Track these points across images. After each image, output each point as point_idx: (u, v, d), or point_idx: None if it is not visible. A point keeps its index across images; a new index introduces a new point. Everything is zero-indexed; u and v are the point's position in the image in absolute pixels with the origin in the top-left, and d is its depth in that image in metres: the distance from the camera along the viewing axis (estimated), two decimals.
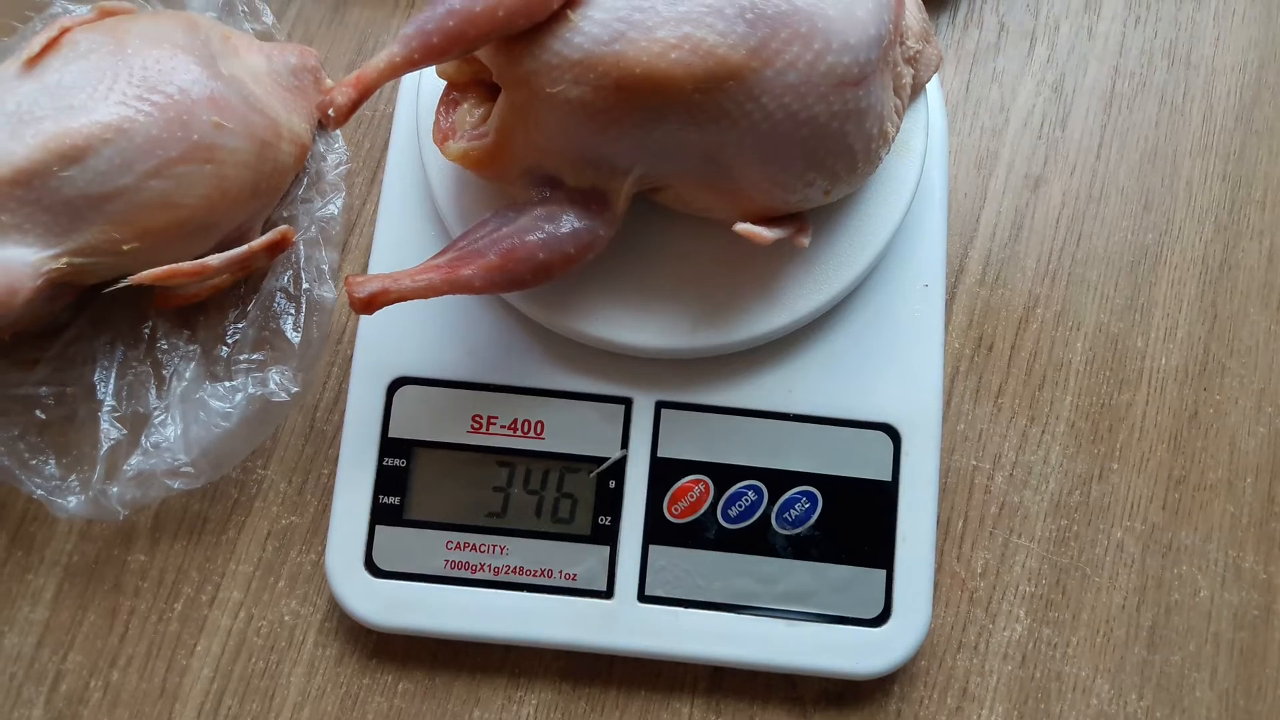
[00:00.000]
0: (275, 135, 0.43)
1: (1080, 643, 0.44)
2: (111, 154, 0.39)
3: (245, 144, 0.42)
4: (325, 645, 0.43)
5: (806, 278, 0.42)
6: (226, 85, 0.42)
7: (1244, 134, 0.50)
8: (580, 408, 0.43)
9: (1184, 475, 0.46)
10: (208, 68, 0.42)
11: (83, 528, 0.44)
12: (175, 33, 0.42)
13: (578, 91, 0.35)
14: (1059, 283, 0.48)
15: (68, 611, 0.43)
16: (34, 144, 0.39)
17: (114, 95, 0.40)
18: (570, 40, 0.34)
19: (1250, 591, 0.45)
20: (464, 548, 0.42)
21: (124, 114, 0.40)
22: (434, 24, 0.34)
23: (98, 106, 0.39)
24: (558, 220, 0.38)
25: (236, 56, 0.44)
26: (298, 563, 0.44)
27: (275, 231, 0.44)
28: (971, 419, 0.46)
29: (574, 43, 0.34)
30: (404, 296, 0.36)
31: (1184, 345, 0.47)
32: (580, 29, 0.34)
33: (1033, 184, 0.49)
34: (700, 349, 0.42)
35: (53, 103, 0.39)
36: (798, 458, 0.43)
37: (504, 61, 0.36)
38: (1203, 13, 0.52)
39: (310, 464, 0.45)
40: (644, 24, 0.34)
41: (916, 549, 0.42)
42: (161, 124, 0.40)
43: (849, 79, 0.36)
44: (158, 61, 0.41)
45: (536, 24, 0.35)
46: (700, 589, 0.42)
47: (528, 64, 0.35)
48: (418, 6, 0.51)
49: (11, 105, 0.39)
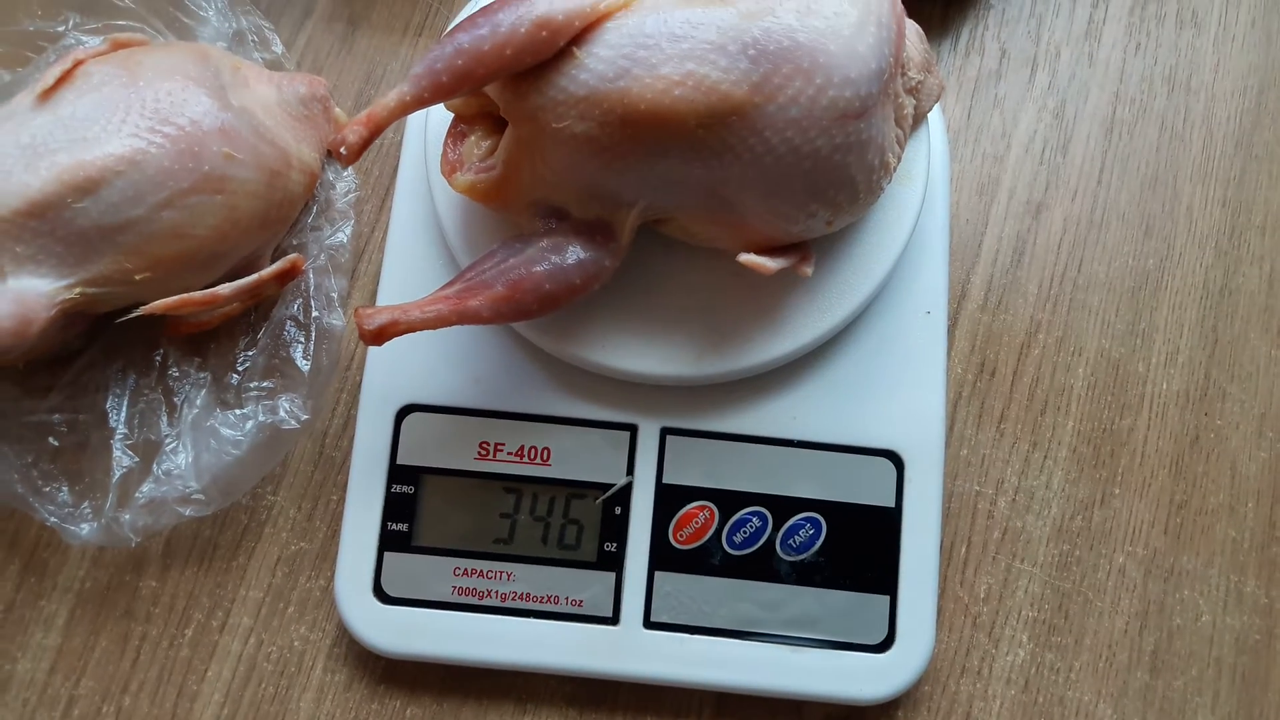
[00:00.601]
0: (285, 165, 0.44)
1: (1083, 667, 0.44)
2: (124, 185, 0.40)
3: (255, 174, 0.42)
4: (334, 671, 0.44)
5: (810, 305, 0.42)
6: (237, 116, 0.43)
7: (1244, 159, 0.51)
8: (586, 434, 0.43)
9: (1185, 500, 0.46)
10: (218, 99, 0.42)
11: (95, 554, 0.45)
12: (186, 64, 0.43)
13: (583, 127, 0.35)
14: (1060, 308, 0.48)
15: (80, 637, 0.44)
16: (48, 176, 0.39)
17: (126, 128, 0.40)
18: (576, 77, 0.35)
19: (1252, 616, 0.45)
20: (471, 574, 0.42)
21: (136, 146, 0.40)
22: (443, 63, 0.34)
23: (110, 139, 0.40)
24: (564, 251, 0.38)
25: (247, 87, 0.45)
26: (307, 588, 0.45)
27: (285, 260, 0.44)
28: (974, 444, 0.47)
29: (580, 79, 0.35)
30: (413, 328, 0.37)
31: (1185, 370, 0.48)
32: (586, 66, 0.35)
33: (1034, 210, 0.50)
34: (705, 376, 0.42)
35: (67, 135, 0.40)
36: (801, 484, 0.43)
37: (511, 97, 0.36)
38: (1202, 39, 0.52)
39: (319, 490, 0.45)
40: (648, 61, 0.35)
41: (920, 574, 0.42)
42: (173, 155, 0.41)
43: (850, 112, 0.36)
44: (169, 94, 0.41)
45: (543, 61, 0.35)
46: (705, 615, 0.42)
47: (534, 100, 0.36)
48: (425, 34, 0.52)
49: (26, 138, 0.40)
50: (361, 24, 0.52)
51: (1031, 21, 0.52)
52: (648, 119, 0.35)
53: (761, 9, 0.35)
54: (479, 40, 0.34)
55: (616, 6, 0.36)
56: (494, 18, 0.35)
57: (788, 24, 0.35)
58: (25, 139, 0.40)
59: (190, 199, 0.41)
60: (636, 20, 0.35)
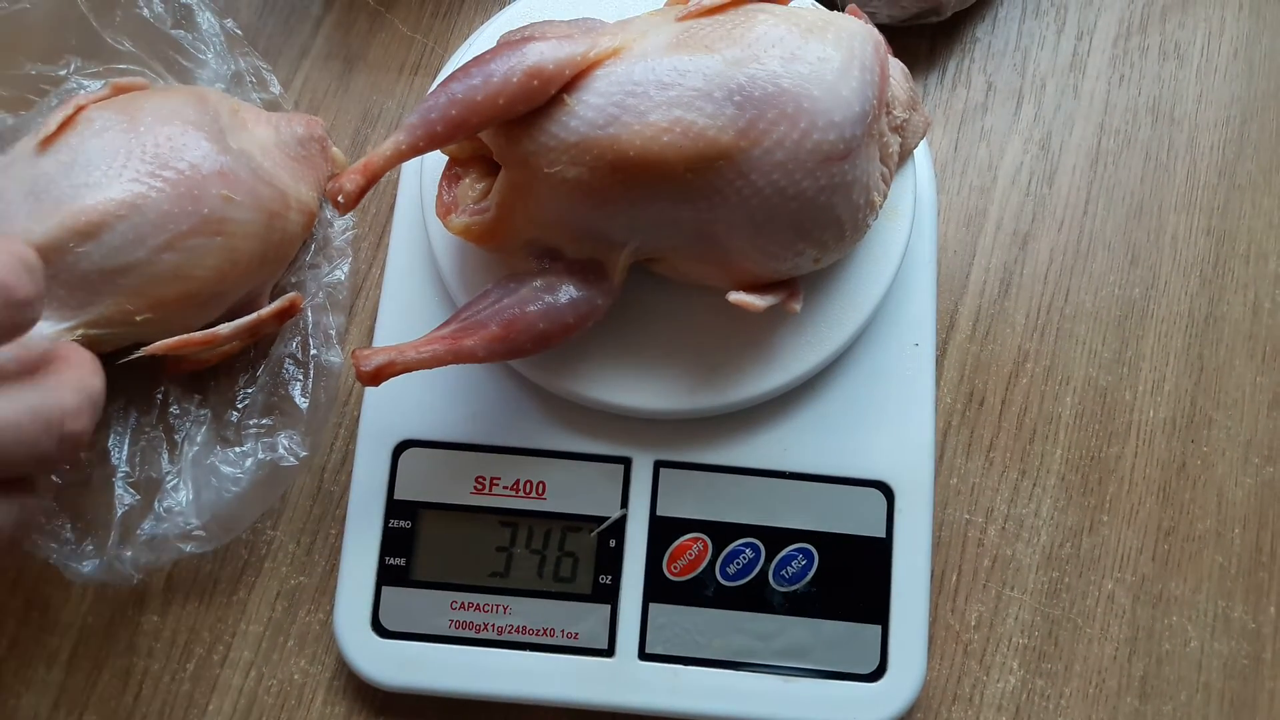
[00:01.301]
0: (283, 205, 0.44)
1: (1073, 693, 0.45)
2: (125, 229, 0.41)
3: (254, 215, 0.43)
4: (333, 704, 0.44)
5: (800, 339, 0.43)
6: (235, 159, 0.43)
7: (1227, 189, 0.51)
8: (581, 468, 0.44)
9: (1173, 526, 0.47)
10: (217, 143, 0.43)
11: (97, 590, 0.45)
12: (186, 109, 0.44)
13: (574, 172, 0.36)
14: (1048, 337, 0.49)
15: (83, 672, 0.44)
16: (52, 222, 0.40)
17: (128, 172, 0.41)
18: (567, 124, 0.36)
19: (1240, 641, 0.45)
20: (468, 607, 0.43)
21: (137, 190, 0.41)
22: (437, 112, 0.35)
23: (112, 184, 0.41)
24: (557, 291, 0.39)
25: (245, 129, 0.46)
26: (306, 622, 0.45)
27: (284, 299, 0.45)
28: (964, 473, 0.47)
29: (570, 126, 0.36)
30: (410, 368, 0.38)
31: (1171, 398, 0.48)
32: (577, 113, 0.36)
33: (1021, 240, 0.50)
34: (697, 410, 0.43)
35: (69, 181, 0.41)
36: (793, 515, 0.44)
37: (504, 143, 0.37)
38: (1185, 71, 0.53)
39: (318, 525, 0.46)
40: (637, 108, 0.35)
41: (911, 603, 0.43)
42: (173, 199, 0.41)
43: (835, 155, 0.37)
44: (169, 139, 0.42)
45: (535, 108, 0.36)
46: (699, 646, 0.43)
47: (527, 145, 0.37)
48: (420, 73, 0.53)
49: (29, 184, 0.41)
50: (358, 63, 0.53)
51: (1017, 55, 0.53)
52: (637, 164, 0.36)
53: (747, 56, 0.36)
54: (472, 90, 0.35)
55: (606, 55, 0.36)
56: (486, 67, 0.35)
57: (772, 70, 0.36)
58: (29, 185, 0.41)
59: (190, 241, 0.42)
60: (625, 68, 0.36)
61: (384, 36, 0.53)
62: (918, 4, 0.51)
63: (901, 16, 0.51)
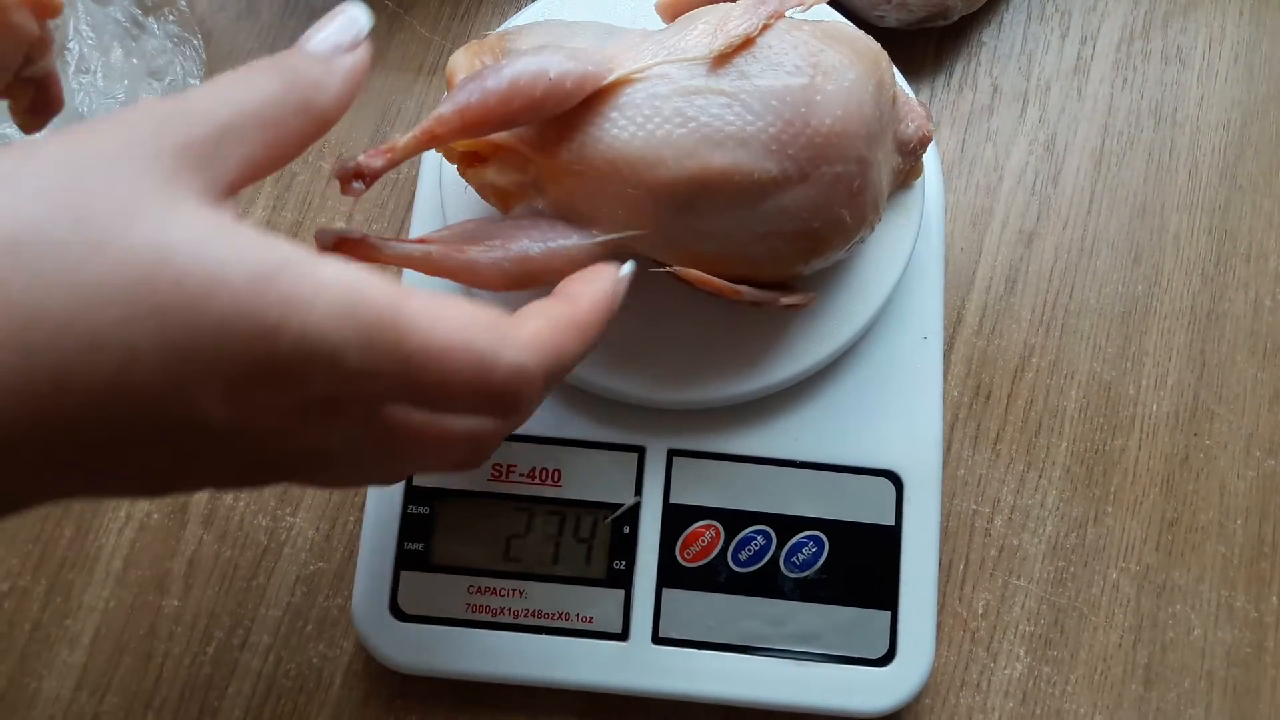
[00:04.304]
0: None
1: (1079, 680, 0.46)
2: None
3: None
4: (352, 687, 0.45)
5: (811, 331, 0.44)
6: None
7: (1229, 189, 0.52)
8: (596, 456, 0.45)
9: (1176, 517, 0.48)
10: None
11: (119, 574, 0.46)
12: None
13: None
14: (1053, 333, 0.50)
15: (104, 655, 0.45)
16: None
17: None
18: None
19: (1242, 630, 0.46)
20: (485, 592, 0.44)
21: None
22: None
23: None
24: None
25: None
26: (325, 607, 0.46)
27: None
28: (971, 464, 0.48)
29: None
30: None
31: (1174, 392, 0.49)
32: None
33: (1026, 239, 0.51)
34: (710, 400, 0.44)
35: None
36: (804, 503, 0.45)
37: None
38: (1187, 74, 0.54)
39: (337, 512, 0.47)
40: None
41: (919, 591, 0.44)
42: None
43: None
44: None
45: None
46: (712, 631, 0.43)
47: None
48: (438, 74, 0.54)
49: None
50: (376, 63, 0.53)
51: (1022, 58, 0.54)
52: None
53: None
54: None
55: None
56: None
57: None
58: None
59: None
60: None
61: (403, 37, 0.54)
62: (925, 8, 0.52)
63: (909, 20, 0.52)
